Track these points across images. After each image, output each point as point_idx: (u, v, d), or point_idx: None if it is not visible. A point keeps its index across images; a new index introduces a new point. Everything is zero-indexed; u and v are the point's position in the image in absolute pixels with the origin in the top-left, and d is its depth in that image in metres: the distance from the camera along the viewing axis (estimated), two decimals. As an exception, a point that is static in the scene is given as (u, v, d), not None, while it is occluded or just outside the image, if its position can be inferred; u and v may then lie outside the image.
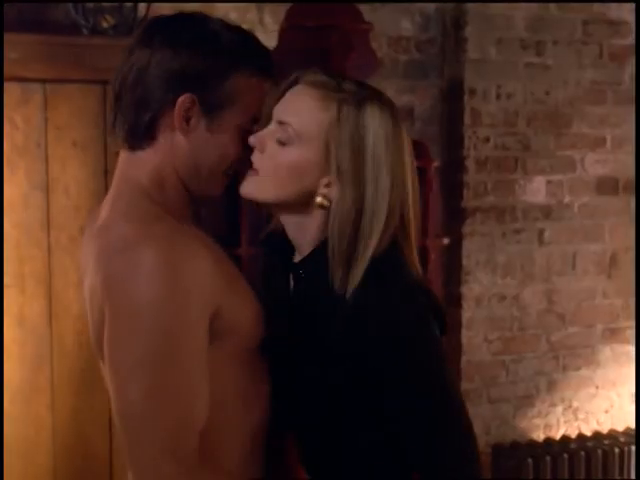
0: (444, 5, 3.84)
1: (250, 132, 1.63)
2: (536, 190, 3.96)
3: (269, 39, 3.61)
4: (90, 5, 2.84)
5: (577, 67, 3.96)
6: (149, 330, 1.47)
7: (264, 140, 1.62)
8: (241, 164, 1.65)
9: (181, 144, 1.59)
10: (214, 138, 1.60)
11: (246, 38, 1.63)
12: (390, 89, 3.81)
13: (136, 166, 1.62)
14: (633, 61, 4.05)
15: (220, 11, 3.54)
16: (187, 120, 1.58)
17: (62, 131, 2.74)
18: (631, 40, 4.04)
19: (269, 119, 1.65)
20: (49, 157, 2.73)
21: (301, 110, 1.60)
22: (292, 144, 1.60)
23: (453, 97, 3.88)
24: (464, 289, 3.88)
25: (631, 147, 4.10)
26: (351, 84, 1.63)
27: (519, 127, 3.89)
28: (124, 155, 1.65)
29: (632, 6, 3.99)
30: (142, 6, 2.94)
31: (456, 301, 3.89)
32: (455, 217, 3.86)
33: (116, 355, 1.50)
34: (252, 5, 3.61)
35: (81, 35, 2.83)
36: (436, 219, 3.55)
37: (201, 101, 1.57)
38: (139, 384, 1.47)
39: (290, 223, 1.68)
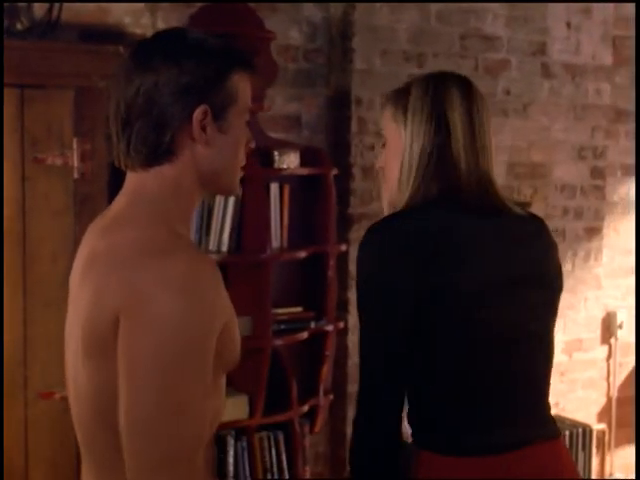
0: (331, 15, 3.92)
1: (248, 123, 1.73)
2: (418, 197, 4.08)
3: (163, 45, 3.61)
4: (-1, 6, 2.76)
5: (455, 79, 4.11)
6: (172, 341, 1.49)
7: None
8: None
9: (202, 153, 1.65)
10: (227, 138, 1.66)
11: (226, 40, 1.72)
12: (278, 97, 3.86)
13: (150, 181, 1.65)
14: (505, 74, 4.26)
15: (114, 15, 3.51)
16: (204, 130, 1.63)
17: (-22, 136, 2.65)
18: (504, 54, 4.24)
19: None
20: (-35, 163, 2.64)
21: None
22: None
23: (339, 106, 3.96)
24: (350, 294, 3.96)
25: (502, 156, 4.29)
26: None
27: (402, 136, 4.01)
28: (135, 175, 1.67)
29: (505, 22, 4.20)
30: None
31: (343, 306, 3.97)
32: (342, 224, 3.94)
33: (134, 359, 1.51)
34: (145, 11, 3.58)
35: (-5, 37, 2.75)
36: (334, 226, 3.62)
37: (211, 108, 1.63)
38: (154, 391, 1.49)
39: None
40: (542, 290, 2.03)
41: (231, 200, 3.30)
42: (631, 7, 4.48)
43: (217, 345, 1.58)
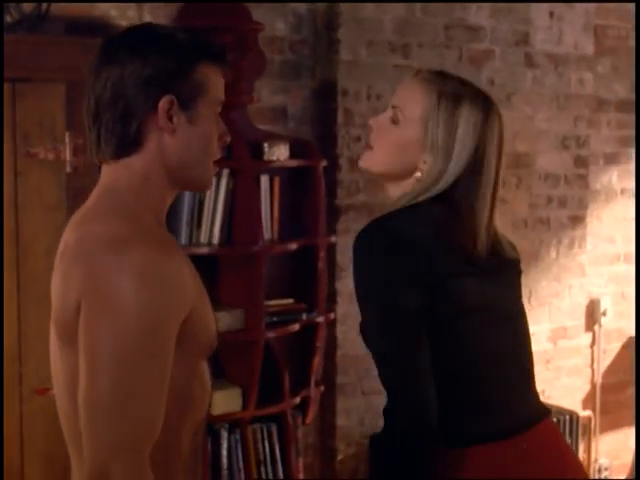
0: (316, 7, 3.91)
1: (221, 116, 1.75)
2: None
3: (149, 37, 3.59)
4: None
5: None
6: (129, 328, 1.53)
7: (380, 121, 2.03)
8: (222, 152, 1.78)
9: (169, 143, 1.68)
10: (196, 129, 1.69)
11: (196, 34, 1.76)
12: (264, 89, 3.85)
13: (121, 173, 1.69)
14: (489, 64, 4.27)
15: (100, 8, 3.48)
16: (170, 120, 1.66)
17: (-29, 131, 2.63)
18: (487, 44, 4.26)
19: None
20: (-43, 158, 2.62)
21: (409, 97, 2.00)
22: (399, 124, 1.99)
23: (326, 97, 3.96)
24: (339, 285, 3.97)
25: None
26: (455, 82, 2.03)
27: (388, 127, 4.01)
28: (107, 168, 1.71)
29: (489, 12, 4.21)
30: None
31: (331, 297, 3.97)
32: (329, 215, 3.94)
33: (92, 345, 1.54)
34: (132, 3, 3.55)
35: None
36: (324, 218, 3.62)
37: (178, 98, 1.66)
38: (110, 377, 1.52)
39: (392, 189, 2.04)
40: (511, 268, 2.09)
41: (222, 192, 3.30)
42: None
43: (187, 332, 1.62)
